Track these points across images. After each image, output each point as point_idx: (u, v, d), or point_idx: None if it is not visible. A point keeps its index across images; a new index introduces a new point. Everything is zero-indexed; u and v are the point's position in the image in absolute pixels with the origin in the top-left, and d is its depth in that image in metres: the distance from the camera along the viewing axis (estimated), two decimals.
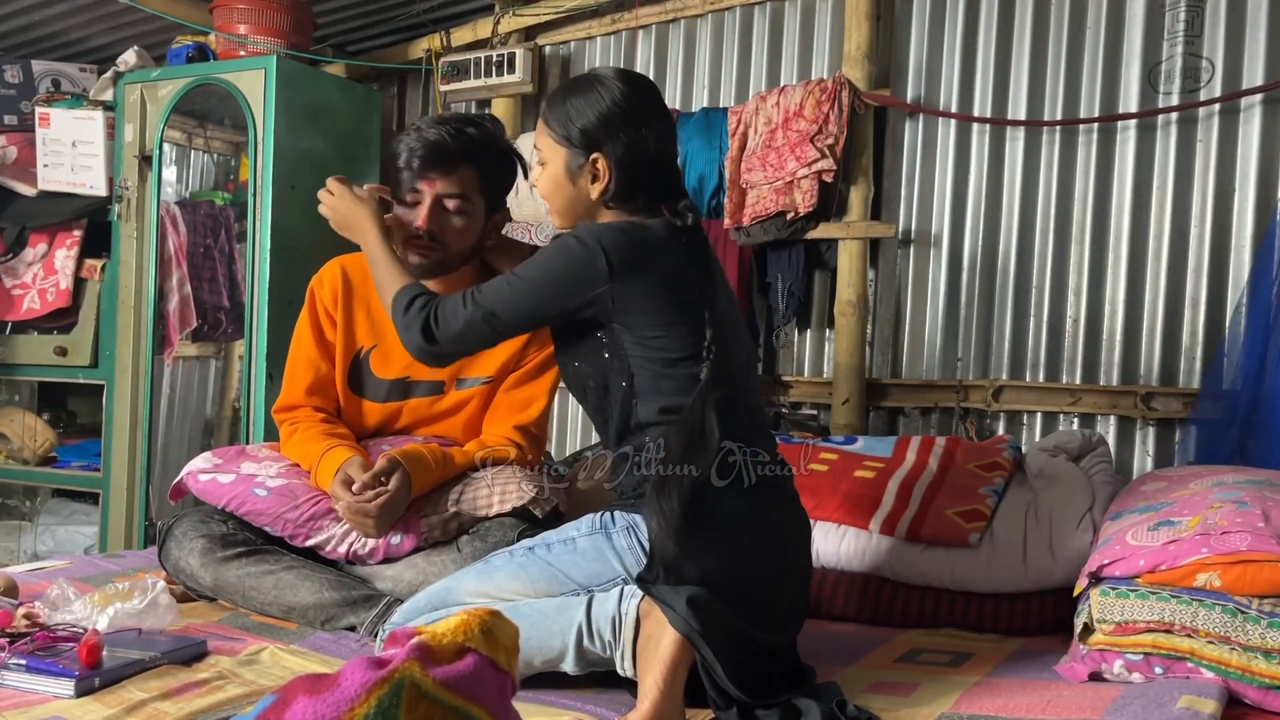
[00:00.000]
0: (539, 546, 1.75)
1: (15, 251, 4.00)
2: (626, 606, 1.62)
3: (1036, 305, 2.91)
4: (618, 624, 1.61)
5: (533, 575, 1.72)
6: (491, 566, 1.77)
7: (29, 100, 4.11)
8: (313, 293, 2.26)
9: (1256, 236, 2.62)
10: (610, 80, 1.78)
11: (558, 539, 1.75)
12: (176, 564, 2.11)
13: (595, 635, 1.62)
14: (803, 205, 2.97)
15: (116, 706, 1.52)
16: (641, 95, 1.78)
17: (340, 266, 2.26)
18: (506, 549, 1.82)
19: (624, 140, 1.74)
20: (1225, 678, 1.63)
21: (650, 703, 1.48)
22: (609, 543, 1.70)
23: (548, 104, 1.83)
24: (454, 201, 2.07)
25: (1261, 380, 2.42)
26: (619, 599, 1.63)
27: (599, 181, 1.76)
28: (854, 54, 3.06)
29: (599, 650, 1.63)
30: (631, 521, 1.70)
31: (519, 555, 1.76)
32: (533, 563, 1.73)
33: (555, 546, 1.74)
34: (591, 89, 1.77)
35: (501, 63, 3.62)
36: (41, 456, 4.07)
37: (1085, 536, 2.13)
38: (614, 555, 1.69)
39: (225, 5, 3.67)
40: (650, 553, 1.65)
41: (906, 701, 1.65)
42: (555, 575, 1.71)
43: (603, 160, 1.75)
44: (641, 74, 1.92)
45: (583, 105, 1.76)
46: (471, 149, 2.08)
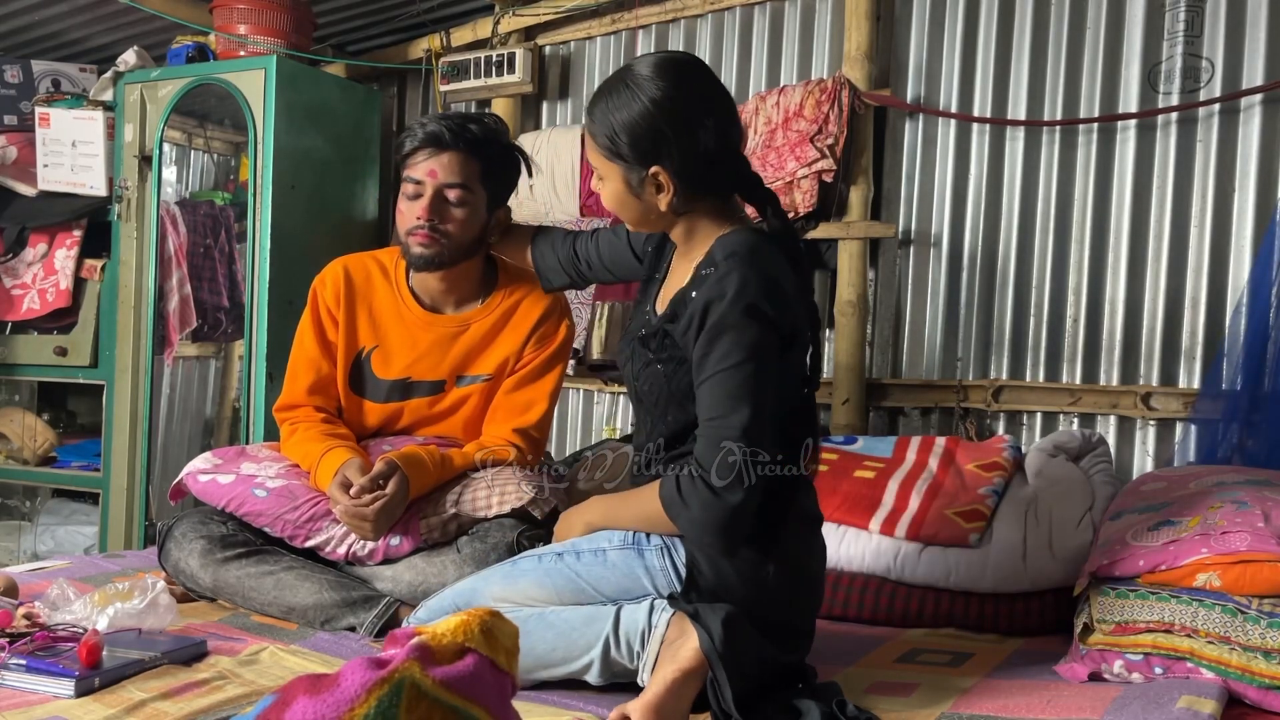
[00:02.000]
0: (569, 554, 1.72)
1: (15, 251, 4.00)
2: (657, 619, 1.60)
3: (1036, 305, 2.91)
4: (646, 636, 1.60)
5: (559, 584, 1.70)
6: (519, 570, 1.74)
7: (29, 100, 4.11)
8: (315, 293, 2.26)
9: (1256, 236, 2.62)
10: (647, 81, 1.63)
11: (589, 548, 1.71)
12: (176, 565, 2.11)
13: (623, 645, 1.61)
14: (802, 205, 2.97)
15: (116, 706, 1.52)
16: (685, 91, 1.63)
17: (343, 267, 2.26)
18: (534, 553, 1.78)
19: (678, 147, 1.62)
20: (1225, 678, 1.63)
21: (654, 694, 1.48)
22: (640, 560, 1.67)
23: (589, 117, 1.70)
24: (455, 192, 2.08)
25: (1261, 380, 2.42)
26: (649, 611, 1.62)
27: (664, 193, 1.66)
28: (854, 54, 3.06)
29: (625, 660, 1.62)
30: (668, 542, 1.66)
31: (547, 562, 1.72)
32: (561, 571, 1.70)
33: (585, 556, 1.70)
34: (631, 96, 1.63)
35: (501, 63, 3.62)
36: (41, 456, 4.08)
37: (1085, 536, 2.13)
38: (645, 574, 1.66)
39: (225, 5, 3.67)
40: (688, 578, 1.64)
41: (906, 702, 1.65)
42: (582, 587, 1.69)
43: (663, 173, 1.64)
44: (680, 57, 1.72)
45: (625, 117, 1.63)
46: (473, 141, 2.10)
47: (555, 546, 1.77)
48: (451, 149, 2.07)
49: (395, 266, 2.26)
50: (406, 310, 2.22)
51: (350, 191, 3.85)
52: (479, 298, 2.24)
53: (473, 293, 2.24)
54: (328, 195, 3.73)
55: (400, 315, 2.22)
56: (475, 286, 2.24)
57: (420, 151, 2.08)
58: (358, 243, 3.63)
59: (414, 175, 2.09)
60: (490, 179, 2.12)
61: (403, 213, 2.12)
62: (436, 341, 2.21)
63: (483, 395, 2.23)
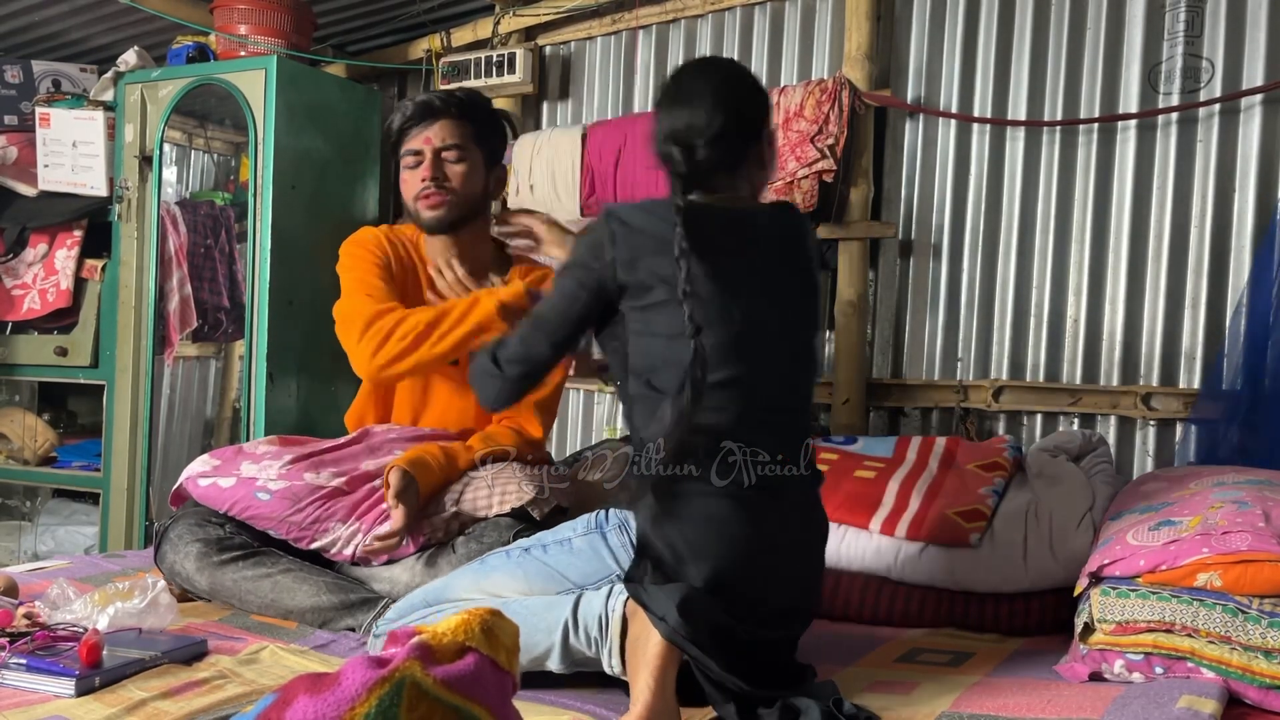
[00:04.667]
0: (535, 547, 1.76)
1: (15, 252, 4.00)
2: (613, 604, 1.61)
3: (1036, 305, 2.91)
4: (604, 622, 1.61)
5: (529, 574, 1.73)
6: (488, 566, 1.78)
7: (29, 100, 4.11)
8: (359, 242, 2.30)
9: (1256, 236, 2.62)
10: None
11: (554, 539, 1.76)
12: (172, 568, 2.10)
13: (582, 632, 1.62)
14: (803, 205, 2.97)
15: (117, 706, 1.52)
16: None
17: (379, 229, 2.36)
18: (503, 549, 1.83)
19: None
20: (1226, 678, 1.63)
21: (643, 705, 1.48)
22: (604, 541, 1.72)
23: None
24: (452, 152, 2.22)
25: (1261, 380, 2.42)
26: (606, 597, 1.63)
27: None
28: (854, 54, 3.06)
29: (585, 648, 1.63)
30: (624, 519, 1.72)
31: (515, 555, 1.77)
32: (529, 562, 1.74)
33: (551, 547, 1.75)
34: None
35: (501, 63, 3.62)
36: (41, 456, 4.07)
37: (1085, 536, 2.13)
38: (608, 553, 1.71)
39: (225, 5, 3.67)
40: (637, 550, 1.65)
41: (906, 701, 1.65)
42: (551, 574, 1.72)
43: None
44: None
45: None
46: (461, 105, 2.25)
47: (522, 541, 1.82)
48: (444, 115, 2.21)
49: (416, 238, 2.36)
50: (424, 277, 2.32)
51: (350, 191, 3.85)
52: (491, 276, 2.30)
53: (484, 268, 2.30)
54: (328, 195, 3.73)
55: (419, 282, 2.31)
56: (486, 261, 2.31)
57: (414, 123, 2.20)
58: None
59: (412, 147, 2.21)
60: (483, 140, 2.27)
61: (406, 182, 2.24)
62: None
63: None
